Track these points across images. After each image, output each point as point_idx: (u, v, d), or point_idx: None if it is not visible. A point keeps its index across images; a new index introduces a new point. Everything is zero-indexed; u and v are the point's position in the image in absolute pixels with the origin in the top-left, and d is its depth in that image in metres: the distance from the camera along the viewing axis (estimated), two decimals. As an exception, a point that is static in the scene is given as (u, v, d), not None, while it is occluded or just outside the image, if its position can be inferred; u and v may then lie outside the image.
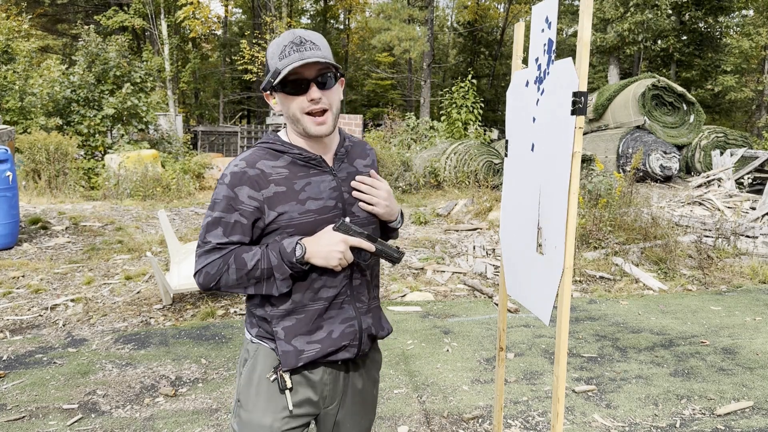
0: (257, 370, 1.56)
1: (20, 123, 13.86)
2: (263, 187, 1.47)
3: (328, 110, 1.49)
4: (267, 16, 24.79)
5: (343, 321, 1.56)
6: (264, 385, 1.54)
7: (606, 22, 22.83)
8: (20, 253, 6.65)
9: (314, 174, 1.53)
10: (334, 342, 1.54)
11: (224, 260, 1.46)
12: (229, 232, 1.47)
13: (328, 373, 1.58)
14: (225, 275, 1.46)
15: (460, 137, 16.24)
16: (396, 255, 1.55)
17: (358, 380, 1.66)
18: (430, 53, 26.08)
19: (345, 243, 1.47)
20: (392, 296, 5.55)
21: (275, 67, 1.45)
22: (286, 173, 1.50)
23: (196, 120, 32.18)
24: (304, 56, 1.43)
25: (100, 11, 27.15)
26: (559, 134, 1.63)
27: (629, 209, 7.63)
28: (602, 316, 5.04)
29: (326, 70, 1.48)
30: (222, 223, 1.47)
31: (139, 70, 15.15)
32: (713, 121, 25.76)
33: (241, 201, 1.46)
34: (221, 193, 1.48)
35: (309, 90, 1.46)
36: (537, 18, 1.81)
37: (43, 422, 3.10)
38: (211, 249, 1.47)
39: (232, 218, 1.47)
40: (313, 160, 1.53)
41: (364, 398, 1.69)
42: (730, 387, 3.63)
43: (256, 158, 1.50)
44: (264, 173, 1.48)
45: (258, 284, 1.47)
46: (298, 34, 1.46)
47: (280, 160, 1.51)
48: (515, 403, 3.41)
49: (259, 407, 1.53)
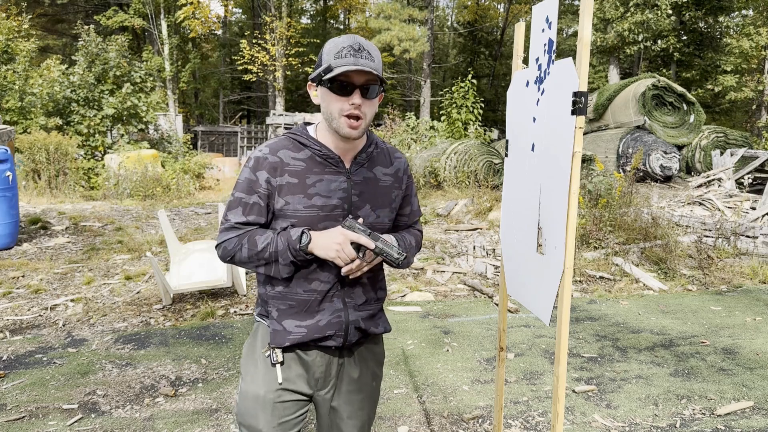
0: (256, 345, 1.70)
1: (20, 123, 13.86)
2: (279, 174, 1.58)
3: (363, 119, 1.57)
4: (267, 16, 24.78)
5: (332, 313, 1.64)
6: (260, 360, 1.67)
7: (606, 22, 22.82)
8: (20, 253, 6.65)
9: (329, 172, 1.61)
10: (320, 329, 1.62)
11: (239, 239, 1.59)
12: (247, 212, 1.60)
13: (320, 356, 1.67)
14: (239, 253, 1.59)
15: (460, 137, 16.24)
16: (396, 256, 1.56)
17: (353, 369, 1.73)
18: (430, 53, 26.07)
19: (344, 236, 1.54)
20: (392, 296, 5.55)
21: (329, 63, 1.52)
22: (303, 166, 1.60)
23: (196, 120, 32.15)
24: (359, 63, 1.50)
25: (100, 11, 27.14)
26: (560, 134, 1.63)
27: (629, 209, 7.63)
28: (602, 316, 5.04)
29: (374, 81, 1.55)
30: (242, 204, 1.60)
31: (139, 70, 15.15)
32: (713, 121, 25.74)
33: (260, 184, 1.58)
34: (244, 175, 1.61)
35: (353, 94, 1.53)
36: (537, 18, 1.81)
37: (43, 422, 3.10)
38: (231, 227, 1.61)
39: (251, 200, 1.59)
40: (330, 159, 1.61)
41: (360, 388, 1.75)
42: (730, 387, 3.63)
43: (280, 146, 1.61)
44: (282, 162, 1.59)
45: (267, 265, 1.58)
46: (358, 41, 1.54)
47: (301, 152, 1.61)
48: (515, 403, 3.41)
49: (256, 379, 1.66)
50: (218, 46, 33.91)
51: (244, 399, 1.66)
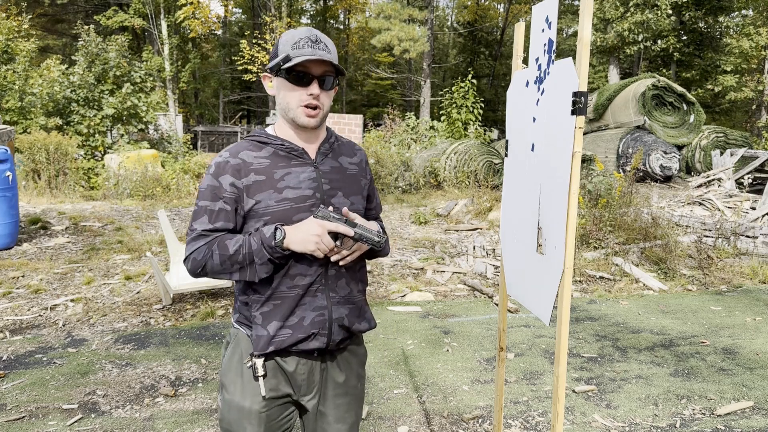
0: (236, 355, 1.63)
1: (20, 123, 13.86)
2: (244, 175, 1.54)
3: (320, 109, 1.58)
4: (267, 16, 24.77)
5: (314, 309, 1.59)
6: (242, 370, 1.61)
7: (606, 22, 22.82)
8: (20, 253, 6.65)
9: (295, 165, 1.59)
10: (304, 329, 1.58)
11: (209, 246, 1.53)
12: (213, 219, 1.55)
13: (302, 364, 1.62)
14: (210, 261, 1.52)
15: (460, 137, 16.24)
16: (377, 239, 1.54)
17: (338, 373, 1.69)
18: (430, 53, 26.06)
19: (322, 228, 1.50)
20: (392, 296, 5.55)
21: (286, 53, 1.52)
22: (268, 163, 1.57)
23: (196, 120, 32.14)
24: (316, 53, 1.51)
25: (100, 11, 27.14)
26: (559, 134, 1.63)
27: (629, 209, 7.63)
28: (602, 316, 5.04)
29: (331, 72, 1.56)
30: (207, 211, 1.55)
31: (139, 70, 15.14)
32: (713, 121, 25.74)
33: (224, 189, 1.54)
34: (206, 182, 1.57)
35: (311, 85, 1.54)
36: (537, 18, 1.81)
37: (43, 422, 3.10)
38: (197, 236, 1.55)
39: (217, 206, 1.55)
40: (294, 151, 1.60)
41: (347, 392, 1.72)
42: (730, 387, 3.63)
43: (240, 149, 1.58)
44: (245, 162, 1.55)
45: (242, 270, 1.52)
46: (315, 33, 1.54)
47: (263, 151, 1.59)
48: (515, 403, 3.41)
49: (239, 390, 1.61)
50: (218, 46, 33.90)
51: (229, 410, 1.62)
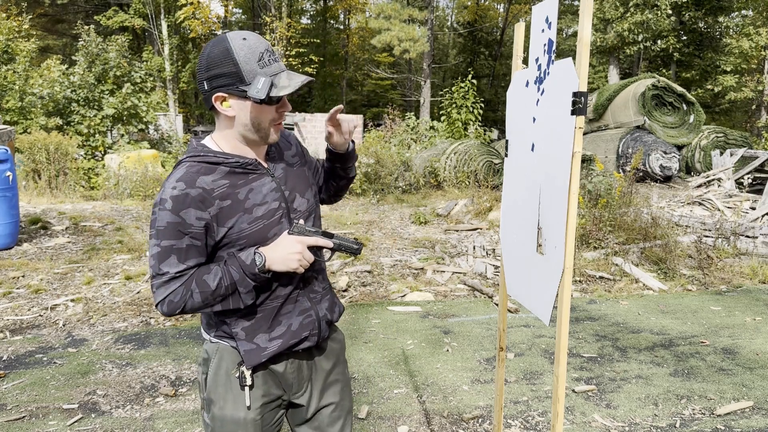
0: (222, 367, 1.58)
1: (20, 123, 13.86)
2: (209, 205, 1.44)
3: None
4: (267, 16, 24.76)
5: (300, 313, 1.60)
6: (231, 382, 1.57)
7: (606, 22, 22.82)
8: (20, 253, 6.65)
9: (253, 179, 1.53)
10: (294, 334, 1.58)
11: (186, 287, 1.44)
12: (184, 258, 1.44)
13: (290, 364, 1.62)
14: (190, 300, 1.44)
15: (460, 137, 16.24)
16: (355, 247, 1.58)
17: (324, 363, 1.71)
18: (430, 53, 26.07)
19: (302, 244, 1.50)
20: (392, 296, 5.55)
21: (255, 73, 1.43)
22: (227, 184, 1.47)
23: (196, 120, 32.13)
24: (292, 77, 1.46)
25: (100, 11, 27.15)
26: (559, 134, 1.63)
27: (629, 209, 7.63)
28: (602, 316, 5.04)
29: None
30: (174, 251, 1.43)
31: (139, 70, 15.15)
32: (713, 121, 25.74)
33: (189, 224, 1.42)
34: (165, 219, 1.41)
35: (283, 101, 1.51)
36: (537, 18, 1.82)
37: (43, 422, 3.10)
38: (170, 279, 1.44)
39: (184, 243, 1.43)
40: (249, 165, 1.52)
41: (336, 379, 1.74)
42: (730, 387, 3.63)
43: (193, 176, 1.44)
44: (206, 190, 1.44)
45: (224, 301, 1.46)
46: (265, 42, 1.47)
47: (216, 172, 1.47)
48: (515, 403, 3.41)
49: (230, 403, 1.56)
50: (218, 47, 33.82)
51: (222, 424, 1.57)
